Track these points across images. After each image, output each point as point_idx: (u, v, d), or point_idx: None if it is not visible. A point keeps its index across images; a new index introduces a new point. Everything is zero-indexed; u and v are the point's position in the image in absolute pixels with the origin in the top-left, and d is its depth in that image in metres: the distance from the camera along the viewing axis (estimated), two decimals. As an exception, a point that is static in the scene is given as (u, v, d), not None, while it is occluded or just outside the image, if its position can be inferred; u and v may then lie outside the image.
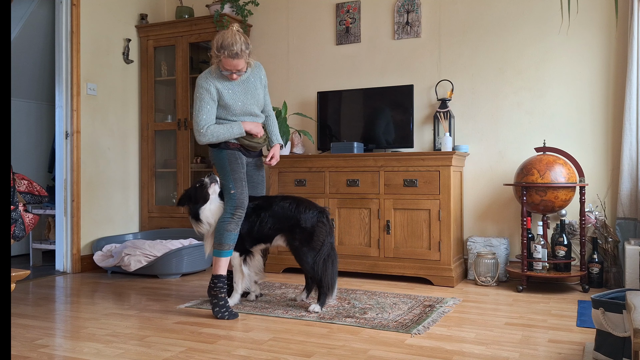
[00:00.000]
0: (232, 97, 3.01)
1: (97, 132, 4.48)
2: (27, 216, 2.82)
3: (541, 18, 3.91)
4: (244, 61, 2.93)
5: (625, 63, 3.66)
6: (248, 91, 3.08)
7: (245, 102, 3.06)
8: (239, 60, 2.89)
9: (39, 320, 2.83)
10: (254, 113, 3.11)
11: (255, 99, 3.10)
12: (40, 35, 5.09)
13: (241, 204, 2.97)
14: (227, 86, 3.00)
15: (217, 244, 2.94)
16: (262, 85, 3.16)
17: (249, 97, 3.07)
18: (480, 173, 4.07)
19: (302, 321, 2.76)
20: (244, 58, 2.92)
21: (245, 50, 2.91)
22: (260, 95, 3.14)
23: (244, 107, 3.05)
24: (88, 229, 4.38)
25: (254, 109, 3.10)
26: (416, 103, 4.21)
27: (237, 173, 3.02)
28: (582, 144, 3.82)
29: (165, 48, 4.88)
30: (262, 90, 3.16)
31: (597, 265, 3.59)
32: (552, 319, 2.81)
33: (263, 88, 3.17)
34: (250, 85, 3.09)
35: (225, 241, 2.93)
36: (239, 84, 3.05)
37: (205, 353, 2.27)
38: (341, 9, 4.50)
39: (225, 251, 2.93)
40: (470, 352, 2.28)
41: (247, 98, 3.07)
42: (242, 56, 2.90)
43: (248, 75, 3.09)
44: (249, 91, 3.08)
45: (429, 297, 3.27)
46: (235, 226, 2.95)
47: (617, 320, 1.99)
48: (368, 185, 3.91)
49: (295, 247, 2.97)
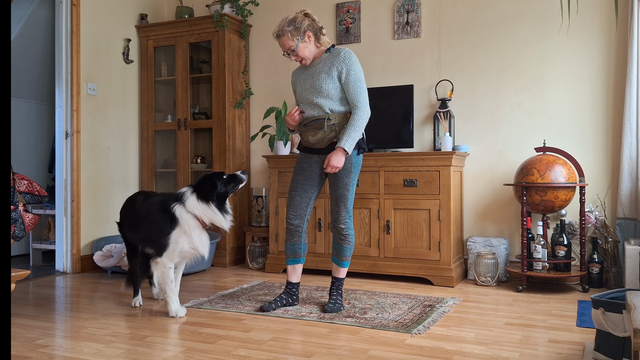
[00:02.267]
0: (296, 83, 3.02)
1: (97, 132, 4.48)
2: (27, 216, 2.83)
3: (541, 18, 3.91)
4: (289, 40, 2.86)
5: (625, 63, 3.66)
6: (309, 77, 2.92)
7: (304, 87, 2.93)
8: (281, 39, 2.88)
9: (39, 320, 2.83)
10: (312, 101, 2.88)
11: (313, 85, 2.87)
12: (40, 35, 5.09)
13: (287, 216, 3.03)
14: (300, 73, 3.03)
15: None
16: (329, 72, 2.84)
17: (308, 82, 2.91)
18: (480, 173, 4.07)
19: (302, 321, 2.76)
20: (287, 36, 2.85)
21: (286, 28, 2.85)
22: (322, 83, 2.84)
23: (302, 93, 2.95)
24: (88, 229, 4.38)
25: (312, 96, 2.87)
26: (416, 103, 4.21)
27: (291, 183, 3.05)
28: (582, 144, 3.82)
29: (165, 48, 4.88)
30: (327, 77, 2.84)
31: (597, 265, 3.59)
32: (552, 319, 2.81)
33: (332, 76, 2.84)
34: (317, 69, 2.90)
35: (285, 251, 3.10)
36: (309, 68, 2.96)
37: (205, 353, 2.27)
38: (341, 9, 4.50)
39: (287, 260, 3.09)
40: (470, 352, 2.28)
41: (306, 83, 2.92)
42: (283, 35, 2.86)
43: (321, 60, 2.92)
44: (309, 76, 2.91)
45: (429, 297, 3.27)
46: (289, 236, 3.04)
47: (617, 320, 1.99)
48: (368, 185, 3.90)
49: None
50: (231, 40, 4.59)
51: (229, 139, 4.55)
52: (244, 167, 4.73)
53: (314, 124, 2.89)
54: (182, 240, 2.84)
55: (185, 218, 2.84)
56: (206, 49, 4.93)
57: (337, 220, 2.97)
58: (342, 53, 2.86)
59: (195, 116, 4.76)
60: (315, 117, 2.89)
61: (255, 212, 4.56)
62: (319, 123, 2.87)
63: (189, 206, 2.85)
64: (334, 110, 2.86)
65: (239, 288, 3.57)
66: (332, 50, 2.92)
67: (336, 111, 2.87)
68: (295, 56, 2.89)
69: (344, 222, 2.96)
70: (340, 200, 2.92)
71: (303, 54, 2.88)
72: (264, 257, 4.40)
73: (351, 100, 2.84)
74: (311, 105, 2.90)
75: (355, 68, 2.84)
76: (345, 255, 3.00)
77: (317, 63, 2.92)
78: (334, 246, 3.03)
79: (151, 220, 2.91)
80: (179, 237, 2.84)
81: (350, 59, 2.84)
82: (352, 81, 2.83)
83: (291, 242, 3.02)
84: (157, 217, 2.89)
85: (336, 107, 2.86)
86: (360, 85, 2.84)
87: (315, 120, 2.88)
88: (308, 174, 2.98)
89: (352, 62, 2.84)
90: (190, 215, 2.85)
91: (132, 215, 3.05)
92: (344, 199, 2.92)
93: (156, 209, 2.92)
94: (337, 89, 2.85)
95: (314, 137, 2.89)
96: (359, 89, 2.83)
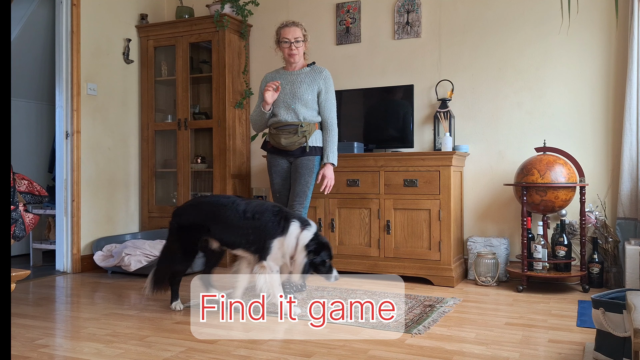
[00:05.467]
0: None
1: (98, 132, 4.48)
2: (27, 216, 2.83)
3: (541, 18, 3.91)
4: (301, 32, 3.19)
5: (625, 63, 3.66)
6: (288, 83, 3.22)
7: (283, 91, 3.19)
8: (295, 28, 3.18)
9: (39, 320, 2.83)
10: (289, 106, 3.20)
11: (294, 92, 3.19)
12: (40, 36, 5.09)
13: None
14: (277, 77, 3.25)
15: None
16: (311, 85, 3.22)
17: (287, 88, 3.20)
18: (481, 173, 4.07)
19: (302, 321, 2.76)
20: (301, 28, 3.19)
21: (302, 25, 3.21)
22: (306, 94, 3.19)
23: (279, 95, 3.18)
24: (88, 229, 4.38)
25: (291, 101, 3.19)
26: (416, 103, 4.21)
27: (272, 186, 3.33)
28: (582, 144, 3.82)
29: (166, 48, 4.88)
30: (308, 88, 3.21)
31: (597, 265, 3.59)
32: (553, 319, 2.81)
33: (312, 89, 3.22)
34: (298, 79, 3.22)
35: None
36: (288, 75, 3.23)
37: (205, 353, 2.27)
38: (341, 9, 4.50)
39: None
40: (471, 352, 2.28)
41: (285, 89, 3.20)
42: (298, 26, 3.19)
43: (303, 72, 3.25)
44: (289, 83, 3.22)
45: (429, 297, 3.27)
46: None
47: (618, 320, 1.99)
48: (368, 185, 3.91)
49: None
50: (231, 40, 4.59)
51: (229, 139, 4.55)
52: (244, 166, 4.72)
53: (289, 128, 3.21)
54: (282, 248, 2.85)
55: (293, 234, 2.82)
56: (206, 49, 4.93)
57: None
58: (324, 72, 3.27)
59: (195, 116, 4.76)
60: (289, 122, 3.21)
61: (256, 212, 4.56)
62: (294, 128, 3.19)
63: (303, 236, 2.81)
64: (307, 118, 3.21)
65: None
66: (314, 67, 3.30)
67: (308, 120, 3.22)
68: (295, 48, 3.19)
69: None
70: (300, 195, 3.21)
71: (299, 51, 3.24)
72: (264, 257, 4.39)
73: (326, 117, 3.26)
74: (287, 110, 3.20)
75: (333, 89, 3.29)
76: None
77: (298, 73, 3.28)
78: None
79: (262, 224, 2.84)
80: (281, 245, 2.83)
81: (331, 80, 3.29)
82: (329, 100, 3.26)
83: None
84: (269, 221, 2.84)
85: (309, 117, 3.22)
86: (334, 105, 3.30)
87: (289, 125, 3.21)
88: (283, 175, 3.31)
89: (331, 83, 3.29)
90: (294, 240, 2.82)
91: (232, 217, 2.90)
92: (304, 194, 3.22)
93: (270, 213, 2.86)
94: (315, 101, 3.24)
95: (287, 140, 3.19)
96: (334, 107, 3.28)
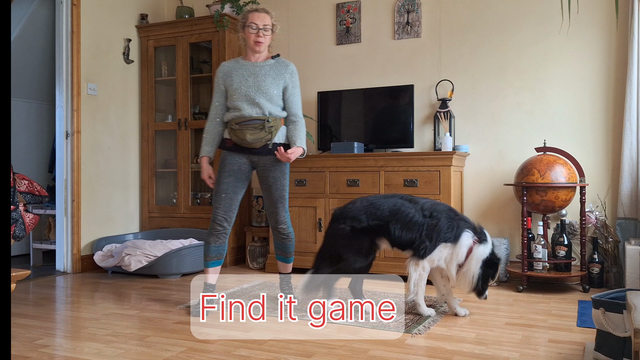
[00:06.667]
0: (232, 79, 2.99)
1: (98, 132, 4.48)
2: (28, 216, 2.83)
3: (541, 18, 3.91)
4: (271, 21, 3.00)
5: (625, 63, 3.66)
6: (251, 75, 2.97)
7: (245, 83, 2.95)
8: (265, 15, 3.00)
9: (40, 320, 2.83)
10: (253, 100, 2.94)
11: (259, 85, 2.95)
12: (40, 36, 5.09)
13: (214, 218, 2.97)
14: (236, 70, 3.02)
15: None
16: (277, 79, 2.99)
17: (250, 80, 2.95)
18: (481, 173, 4.07)
19: (302, 321, 2.76)
20: (271, 17, 3.01)
21: (272, 14, 3.04)
22: (271, 89, 2.96)
23: (240, 88, 2.94)
24: (88, 229, 4.38)
25: (255, 95, 2.93)
26: (416, 103, 4.21)
27: (220, 184, 2.99)
28: (582, 144, 3.82)
29: (166, 48, 4.88)
30: (273, 82, 2.98)
31: (597, 265, 3.58)
32: (553, 319, 2.81)
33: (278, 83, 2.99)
34: (262, 71, 2.98)
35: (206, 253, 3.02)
36: (250, 66, 3.00)
37: (206, 353, 2.27)
38: (341, 8, 4.50)
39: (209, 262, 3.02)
40: (471, 352, 2.28)
41: (248, 81, 2.95)
42: (268, 13, 3.01)
43: (267, 64, 3.02)
44: (252, 75, 2.97)
45: (429, 297, 3.26)
46: (214, 238, 2.98)
47: (618, 320, 1.99)
48: (368, 185, 3.90)
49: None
50: (231, 40, 4.59)
51: (229, 139, 4.54)
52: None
53: (254, 123, 2.95)
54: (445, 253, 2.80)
55: (465, 244, 2.77)
56: (206, 49, 4.93)
57: (278, 221, 3.08)
58: (291, 66, 3.07)
59: (195, 116, 4.76)
60: (254, 117, 2.95)
61: (256, 212, 4.56)
62: (260, 124, 2.95)
63: (480, 249, 2.77)
64: (272, 113, 2.98)
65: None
66: (279, 60, 3.07)
67: (274, 115, 2.99)
68: (262, 36, 2.97)
69: (285, 222, 3.09)
70: (280, 201, 3.05)
71: (266, 40, 2.99)
72: (264, 257, 4.40)
73: (294, 111, 3.07)
74: (250, 104, 2.96)
75: (298, 84, 3.12)
76: (290, 252, 3.17)
77: (262, 65, 3.02)
78: (276, 246, 3.18)
79: (437, 224, 2.78)
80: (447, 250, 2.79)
81: (297, 75, 3.11)
82: (296, 95, 3.08)
83: (216, 245, 2.97)
84: (444, 223, 2.78)
85: (274, 111, 2.99)
86: (300, 100, 3.13)
87: (255, 121, 2.95)
88: (238, 175, 3.01)
89: (297, 78, 3.11)
90: (465, 249, 2.76)
91: (413, 215, 2.81)
92: (283, 199, 3.06)
93: (446, 216, 2.80)
94: (280, 97, 3.02)
95: (252, 136, 2.93)
96: (300, 103, 3.11)
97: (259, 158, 3.01)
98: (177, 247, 4.06)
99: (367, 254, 2.87)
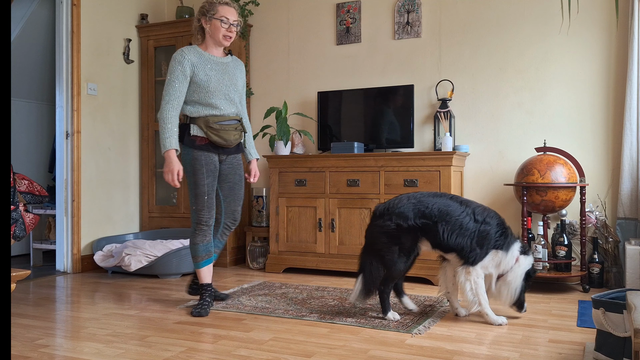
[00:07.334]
0: (207, 74, 2.85)
1: (98, 132, 4.48)
2: (28, 216, 2.83)
3: (541, 18, 3.91)
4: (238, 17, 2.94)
5: (625, 63, 3.66)
6: (226, 73, 2.92)
7: (221, 79, 2.88)
8: (234, 9, 2.92)
9: (40, 320, 2.83)
10: (230, 98, 2.91)
11: (233, 83, 2.93)
12: (40, 35, 5.09)
13: (200, 220, 2.91)
14: (203, 62, 2.88)
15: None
16: (241, 77, 3.02)
17: (226, 78, 2.91)
18: (481, 173, 4.07)
19: (303, 321, 2.76)
20: (238, 12, 2.96)
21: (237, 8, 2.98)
22: (239, 85, 2.98)
23: (219, 86, 2.86)
24: (88, 229, 4.38)
25: (231, 93, 2.91)
26: (416, 103, 4.21)
27: (200, 186, 2.86)
28: (582, 144, 3.82)
29: (166, 48, 4.88)
30: (241, 81, 3.01)
31: (597, 265, 3.59)
32: (553, 319, 2.81)
33: (242, 81, 3.03)
34: (230, 69, 2.95)
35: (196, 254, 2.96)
36: (217, 64, 2.91)
37: (206, 353, 2.27)
38: (341, 9, 4.50)
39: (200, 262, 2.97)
40: (471, 352, 2.28)
41: (224, 79, 2.90)
42: (236, 9, 2.94)
43: (228, 61, 2.98)
44: (227, 73, 2.92)
45: (429, 297, 3.27)
46: (201, 237, 2.92)
47: (618, 320, 1.99)
48: (368, 185, 3.90)
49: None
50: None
51: (229, 139, 4.54)
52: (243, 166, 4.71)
53: (235, 123, 2.96)
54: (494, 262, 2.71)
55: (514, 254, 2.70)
56: (206, 49, 4.93)
57: (237, 219, 3.13)
58: (243, 65, 3.08)
59: (195, 116, 4.75)
60: (231, 117, 2.94)
61: (256, 212, 4.56)
62: (238, 124, 2.97)
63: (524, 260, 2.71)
64: (239, 112, 3.02)
65: (239, 288, 3.57)
66: (234, 57, 3.05)
67: (240, 114, 3.03)
68: (233, 31, 2.91)
69: (239, 219, 3.15)
70: (241, 199, 3.12)
71: (233, 36, 2.94)
72: (265, 257, 4.40)
73: (244, 112, 3.08)
74: (229, 103, 2.93)
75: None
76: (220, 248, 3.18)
77: (226, 62, 2.98)
78: (217, 244, 3.13)
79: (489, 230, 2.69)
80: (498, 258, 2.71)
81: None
82: (245, 93, 3.07)
83: (204, 243, 2.93)
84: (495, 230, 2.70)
85: (240, 110, 3.04)
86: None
87: (234, 120, 2.96)
88: (215, 175, 2.95)
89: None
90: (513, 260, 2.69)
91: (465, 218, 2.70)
92: (242, 198, 3.14)
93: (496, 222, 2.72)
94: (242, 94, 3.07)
95: (235, 136, 2.94)
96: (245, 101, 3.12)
97: (227, 157, 2.99)
98: (177, 247, 4.06)
99: (409, 254, 2.74)
